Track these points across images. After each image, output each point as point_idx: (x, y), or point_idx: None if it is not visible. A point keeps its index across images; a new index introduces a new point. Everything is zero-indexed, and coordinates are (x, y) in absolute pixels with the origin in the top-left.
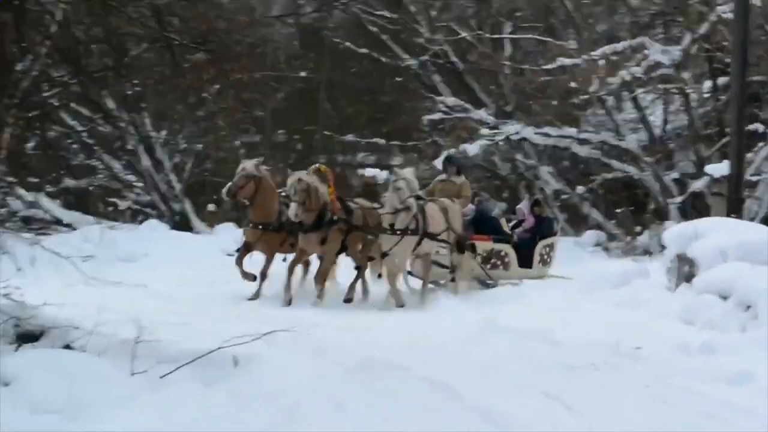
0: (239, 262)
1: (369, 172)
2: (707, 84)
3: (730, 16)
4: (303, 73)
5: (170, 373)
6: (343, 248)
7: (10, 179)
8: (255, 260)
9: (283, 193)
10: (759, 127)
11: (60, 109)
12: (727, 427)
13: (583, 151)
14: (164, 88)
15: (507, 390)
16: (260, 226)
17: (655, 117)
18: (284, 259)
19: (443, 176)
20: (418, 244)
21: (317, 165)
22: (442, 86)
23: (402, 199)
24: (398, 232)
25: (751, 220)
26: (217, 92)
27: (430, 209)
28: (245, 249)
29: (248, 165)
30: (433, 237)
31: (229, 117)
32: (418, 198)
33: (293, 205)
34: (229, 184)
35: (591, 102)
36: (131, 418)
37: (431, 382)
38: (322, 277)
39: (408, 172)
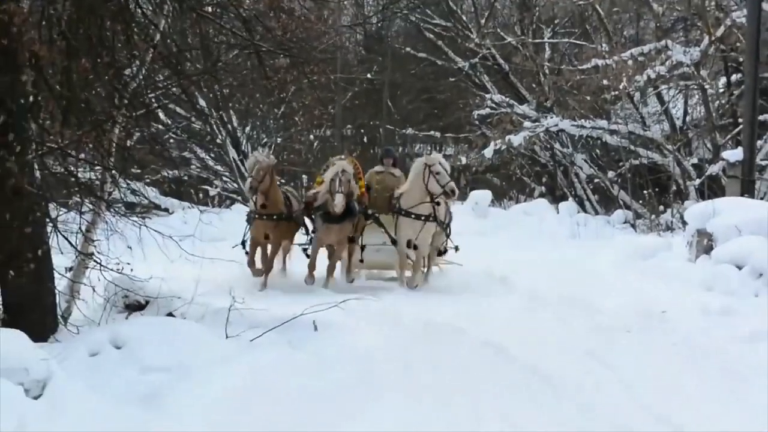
0: (252, 262)
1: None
2: (722, 80)
3: (743, 20)
4: (369, 75)
5: (259, 336)
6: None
7: (115, 170)
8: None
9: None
10: None
11: (161, 108)
12: (746, 381)
13: (613, 140)
14: (250, 88)
15: (553, 351)
16: (275, 217)
17: (677, 110)
18: (305, 251)
19: (380, 168)
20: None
21: (342, 156)
22: (490, 85)
23: (444, 183)
24: (422, 219)
25: (761, 199)
26: (296, 92)
27: None
28: (254, 245)
29: (261, 157)
30: (441, 224)
31: (305, 114)
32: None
33: (339, 196)
34: (249, 179)
35: (620, 97)
36: (228, 376)
37: (487, 344)
38: (352, 266)
39: (443, 159)
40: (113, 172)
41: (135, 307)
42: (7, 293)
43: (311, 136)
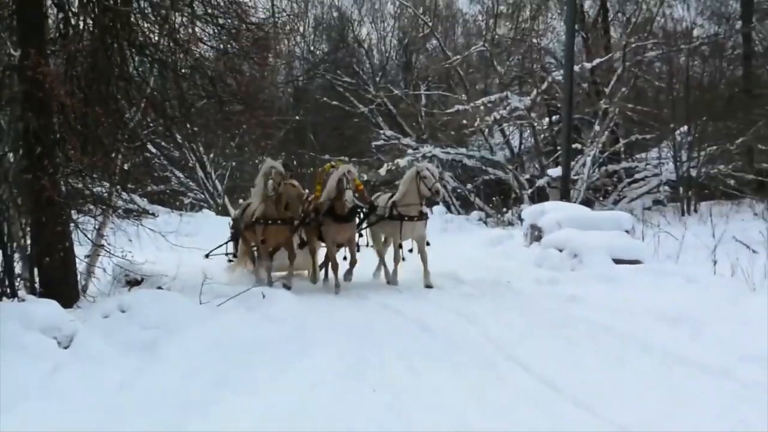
0: (269, 273)
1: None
2: (546, 120)
3: (560, 78)
4: (297, 117)
5: (224, 302)
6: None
7: (119, 186)
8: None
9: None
10: (578, 146)
11: (150, 141)
12: (566, 327)
13: (470, 162)
14: (213, 126)
15: (432, 310)
16: (287, 222)
17: (515, 140)
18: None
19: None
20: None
21: (335, 161)
22: (383, 124)
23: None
24: (421, 218)
25: (574, 202)
26: (246, 129)
27: None
28: (270, 250)
29: (276, 164)
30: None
31: (253, 145)
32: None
33: (349, 193)
34: (270, 181)
35: (475, 132)
36: (202, 331)
37: (385, 306)
38: (354, 264)
39: (431, 166)
40: (117, 186)
41: (134, 282)
42: (43, 274)
43: (257, 161)
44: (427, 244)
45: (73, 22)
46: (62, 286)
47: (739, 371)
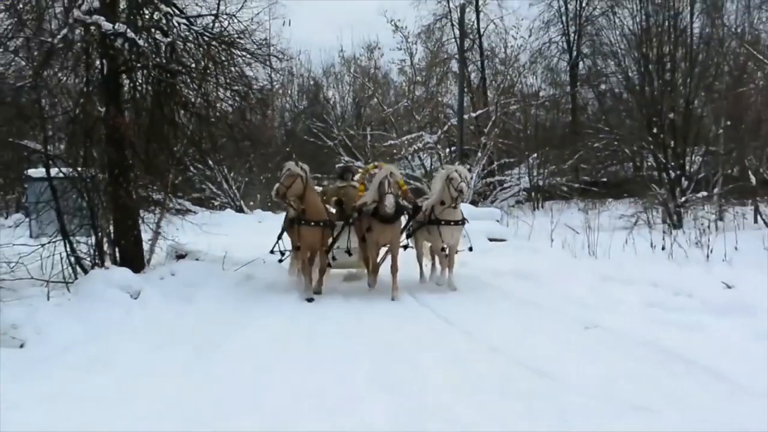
0: (306, 271)
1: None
2: (448, 150)
3: (455, 123)
4: (287, 149)
5: (238, 268)
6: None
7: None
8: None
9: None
10: (468, 166)
11: (191, 165)
12: (460, 282)
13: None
14: (231, 155)
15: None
16: (321, 224)
17: (429, 164)
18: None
19: (342, 182)
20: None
21: (377, 163)
22: (343, 152)
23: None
24: (460, 223)
25: (465, 202)
26: (254, 157)
27: None
28: (301, 251)
29: (291, 165)
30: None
31: (258, 168)
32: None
33: (390, 197)
34: (277, 185)
35: (402, 158)
36: (222, 286)
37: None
38: (397, 267)
39: (461, 168)
40: (169, 194)
41: (180, 256)
42: (121, 251)
43: (262, 178)
44: (470, 249)
45: (139, 89)
46: (133, 258)
47: (564, 309)
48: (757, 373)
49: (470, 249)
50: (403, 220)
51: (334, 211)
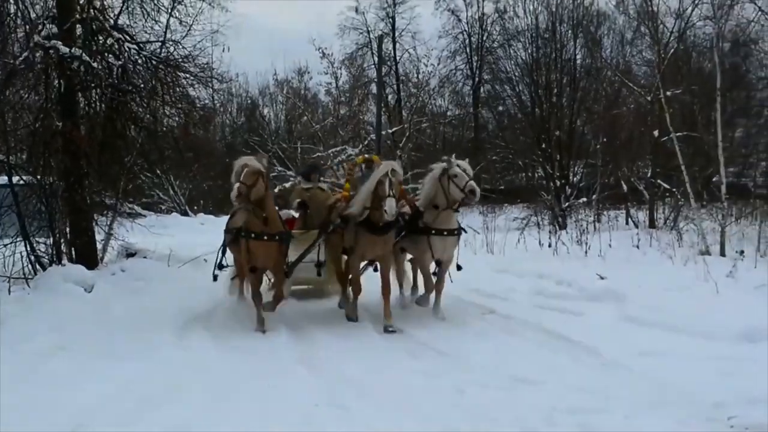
0: (258, 299)
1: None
2: None
3: (374, 138)
4: (227, 160)
5: (181, 265)
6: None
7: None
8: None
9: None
10: None
11: (140, 174)
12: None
13: (324, 186)
14: (177, 165)
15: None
16: (277, 237)
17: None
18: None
19: (308, 184)
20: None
21: (369, 155)
22: (277, 163)
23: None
24: (455, 233)
25: None
26: (198, 167)
27: None
28: (253, 272)
29: (249, 159)
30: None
31: (201, 176)
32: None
33: (390, 201)
34: (237, 185)
35: (328, 168)
36: (169, 280)
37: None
38: (389, 289)
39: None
40: (120, 199)
41: (130, 254)
42: (77, 250)
43: (204, 186)
44: (459, 268)
45: (93, 105)
46: (88, 257)
47: (465, 297)
48: (623, 349)
49: (459, 268)
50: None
51: (296, 215)
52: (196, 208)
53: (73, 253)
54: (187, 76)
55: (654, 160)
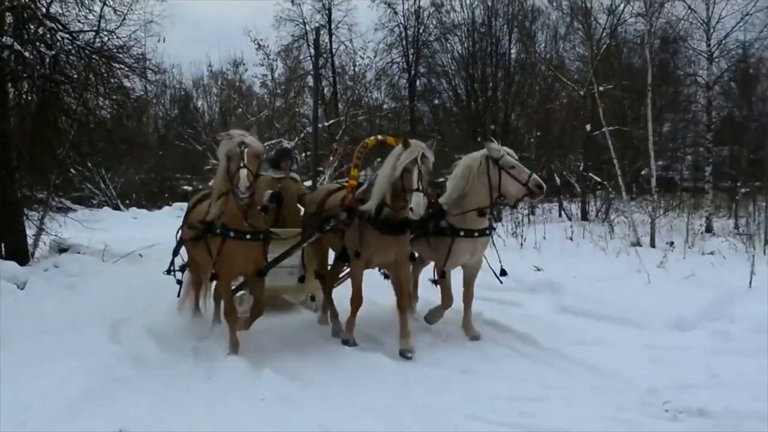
0: (232, 313)
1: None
2: (303, 154)
3: (311, 130)
4: (160, 152)
5: (116, 260)
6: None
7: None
8: None
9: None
10: (321, 168)
11: (72, 167)
12: None
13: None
14: (111, 158)
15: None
16: (262, 236)
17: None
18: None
19: (278, 173)
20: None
21: (382, 137)
22: (211, 155)
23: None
24: (487, 233)
25: None
26: (132, 159)
27: None
28: (224, 281)
29: (248, 138)
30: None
31: (135, 167)
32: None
33: (418, 196)
34: (245, 172)
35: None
36: (105, 276)
37: None
38: (407, 302)
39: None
40: (51, 193)
41: (63, 250)
42: (6, 246)
43: (137, 179)
44: (503, 273)
45: (24, 96)
46: (19, 252)
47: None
48: (558, 338)
49: (504, 273)
50: None
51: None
52: (128, 202)
53: (3, 248)
54: (122, 66)
55: (586, 153)
